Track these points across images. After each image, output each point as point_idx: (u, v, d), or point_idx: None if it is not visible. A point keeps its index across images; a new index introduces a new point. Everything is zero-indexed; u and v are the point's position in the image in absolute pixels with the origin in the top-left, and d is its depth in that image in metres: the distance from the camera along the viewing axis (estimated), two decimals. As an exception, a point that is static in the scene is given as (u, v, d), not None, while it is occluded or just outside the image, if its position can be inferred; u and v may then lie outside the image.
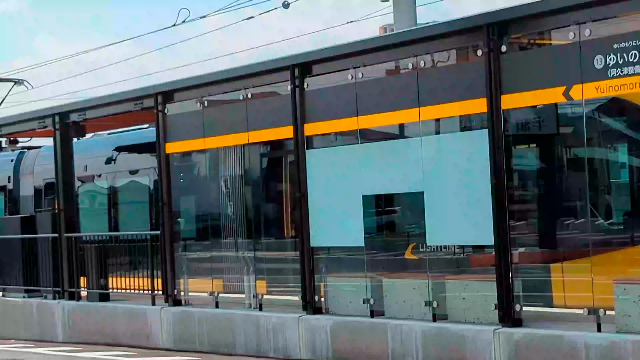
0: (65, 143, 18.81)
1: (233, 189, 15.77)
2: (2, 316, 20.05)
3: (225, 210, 15.93)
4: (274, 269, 15.39)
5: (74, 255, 18.31)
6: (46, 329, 18.77)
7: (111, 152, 22.33)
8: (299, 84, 13.84)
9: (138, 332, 16.66)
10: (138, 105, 16.96)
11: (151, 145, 18.86)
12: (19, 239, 19.65)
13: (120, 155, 22.47)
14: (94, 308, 17.71)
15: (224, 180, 15.97)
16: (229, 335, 14.86)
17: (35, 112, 19.82)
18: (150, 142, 18.84)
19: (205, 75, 15.66)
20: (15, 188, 27.58)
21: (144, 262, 17.25)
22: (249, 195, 15.23)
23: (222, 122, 15.40)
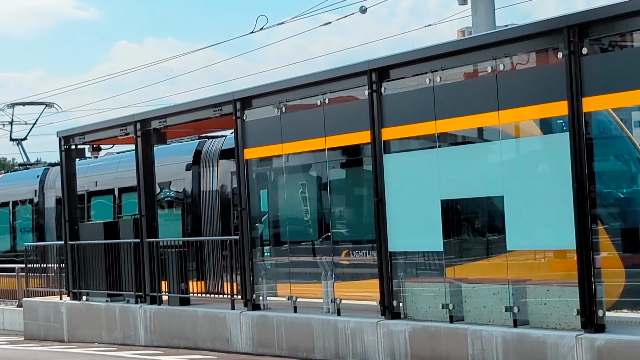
0: (146, 150, 19.03)
1: (310, 193, 15.81)
2: (86, 320, 20.35)
3: (303, 215, 15.97)
4: (352, 273, 15.38)
5: (155, 260, 18.52)
6: (128, 332, 19.01)
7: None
8: (376, 88, 13.83)
9: (218, 336, 16.78)
10: (217, 111, 17.09)
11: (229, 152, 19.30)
12: (102, 244, 19.94)
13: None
14: (175, 312, 17.88)
15: (301, 185, 16.02)
16: (307, 339, 14.89)
17: (118, 119, 20.10)
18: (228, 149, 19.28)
19: (284, 81, 15.72)
20: (41, 201, 29.76)
21: (224, 266, 17.38)
22: (326, 200, 15.25)
23: (299, 128, 15.45)
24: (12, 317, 25.36)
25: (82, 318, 20.54)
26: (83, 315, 20.52)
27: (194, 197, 22.78)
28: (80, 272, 20.70)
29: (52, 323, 21.45)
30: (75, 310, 20.74)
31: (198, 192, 22.86)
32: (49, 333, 21.48)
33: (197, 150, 23.03)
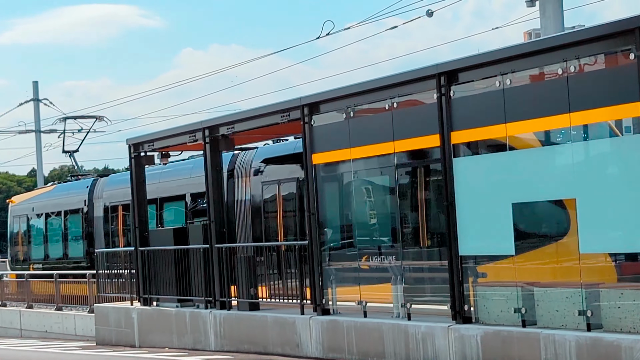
0: (214, 156, 19.18)
1: (379, 198, 15.81)
2: (157, 325, 20.55)
3: (371, 219, 15.97)
4: (421, 277, 15.33)
5: (224, 266, 18.65)
6: (198, 337, 19.15)
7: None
8: (445, 92, 13.80)
9: (287, 341, 16.84)
10: (285, 117, 17.17)
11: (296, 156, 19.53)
12: (172, 250, 20.13)
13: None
14: (245, 317, 17.98)
15: (369, 189, 16.02)
16: (378, 344, 14.89)
17: (186, 126, 20.28)
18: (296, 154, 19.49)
19: (351, 86, 15.75)
20: (90, 210, 31.38)
21: (293, 271, 17.44)
22: (395, 204, 15.23)
23: (367, 132, 15.47)
24: (84, 322, 25.71)
25: (152, 323, 20.75)
26: (154, 321, 20.72)
27: (228, 206, 23.25)
28: (150, 277, 20.92)
29: (123, 328, 21.69)
30: (146, 315, 20.96)
31: (233, 201, 23.79)
32: (120, 338, 21.72)
33: (232, 162, 24.11)
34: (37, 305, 29.40)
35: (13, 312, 30.53)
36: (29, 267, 35.39)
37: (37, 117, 48.74)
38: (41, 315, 28.62)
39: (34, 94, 48.75)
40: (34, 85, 49.13)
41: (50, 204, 34.67)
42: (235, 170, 24.12)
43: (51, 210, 34.35)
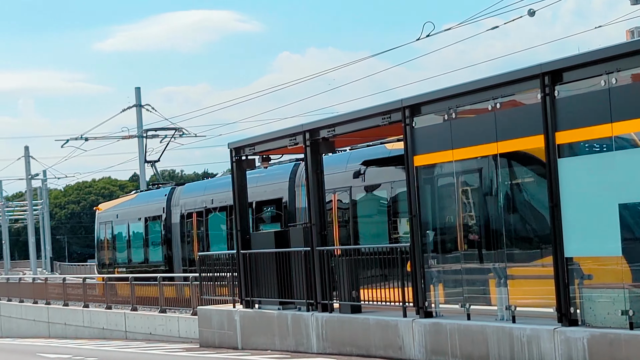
0: (315, 159, 19.25)
1: (481, 199, 15.68)
2: (259, 327, 20.71)
3: (474, 221, 15.86)
4: (525, 279, 15.15)
5: (326, 268, 18.71)
6: (300, 340, 19.24)
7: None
8: (549, 92, 13.63)
9: (390, 344, 16.81)
10: (386, 119, 17.16)
11: (395, 159, 19.65)
12: (273, 252, 20.26)
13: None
14: (346, 320, 18.00)
15: (472, 190, 15.90)
16: (482, 347, 14.76)
17: (287, 129, 20.40)
18: (395, 156, 19.59)
19: (453, 87, 15.66)
20: (168, 217, 33.11)
21: (394, 274, 17.40)
22: (498, 205, 15.09)
23: (469, 134, 15.36)
24: (187, 325, 26.04)
25: (255, 326, 20.91)
26: (256, 323, 20.88)
27: (290, 212, 25.54)
28: (252, 280, 21.09)
29: (226, 331, 21.91)
30: (249, 318, 21.13)
31: (294, 208, 25.69)
32: (223, 340, 21.94)
33: (293, 171, 26.02)
34: (142, 307, 29.87)
35: (118, 315, 31.09)
36: (114, 270, 37.58)
37: (139, 123, 49.61)
38: (145, 317, 29.09)
39: (136, 100, 49.62)
40: (136, 91, 50.02)
41: (133, 211, 36.77)
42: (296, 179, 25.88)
43: (133, 217, 36.38)
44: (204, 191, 31.76)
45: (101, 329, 32.43)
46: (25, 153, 74.05)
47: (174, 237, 33.00)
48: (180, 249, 32.67)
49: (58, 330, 36.78)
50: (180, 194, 33.26)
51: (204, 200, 31.13)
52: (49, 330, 37.79)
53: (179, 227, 32.48)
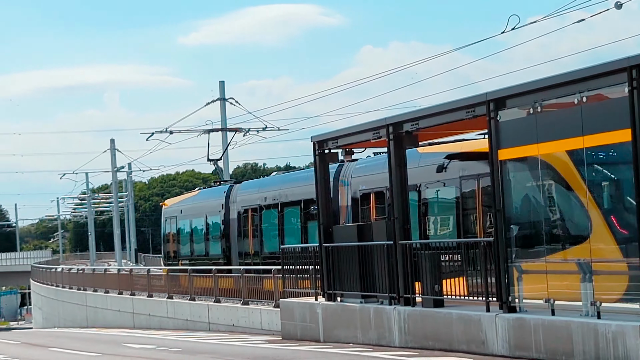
0: (398, 152, 19.23)
1: (567, 193, 15.51)
2: (341, 320, 20.77)
3: (559, 215, 15.70)
4: (611, 275, 14.95)
5: (408, 262, 18.69)
6: (382, 333, 19.25)
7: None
8: (637, 85, 13.44)
9: (473, 339, 16.74)
10: (470, 113, 17.07)
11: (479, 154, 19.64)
12: (355, 246, 20.30)
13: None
14: (429, 314, 17.97)
15: (557, 184, 15.74)
16: (566, 343, 14.62)
17: (370, 123, 20.42)
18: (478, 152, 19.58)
19: (538, 81, 15.52)
20: (226, 213, 34.99)
21: (477, 268, 17.31)
22: (583, 199, 14.90)
23: (555, 127, 15.21)
24: (270, 317, 26.21)
25: (337, 319, 20.98)
26: (338, 316, 20.94)
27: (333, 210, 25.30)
28: (334, 273, 21.16)
29: (308, 323, 22.01)
30: (331, 311, 21.20)
31: (337, 206, 27.11)
32: (306, 333, 22.05)
33: (337, 172, 27.45)
34: (225, 299, 30.15)
35: (201, 306, 31.42)
36: (178, 263, 39.40)
37: (223, 116, 49.99)
38: (228, 309, 29.34)
39: (220, 94, 50.01)
40: (220, 85, 50.41)
41: (195, 207, 38.69)
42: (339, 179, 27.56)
43: (195, 213, 38.22)
44: (259, 189, 33.84)
45: (185, 320, 32.82)
46: (111, 146, 75.10)
47: (231, 232, 34.63)
48: (237, 243, 34.35)
49: (142, 321, 37.30)
50: (237, 192, 35.02)
51: (258, 198, 33.14)
52: (134, 321, 38.36)
53: (236, 222, 34.29)
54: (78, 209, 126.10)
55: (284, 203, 30.99)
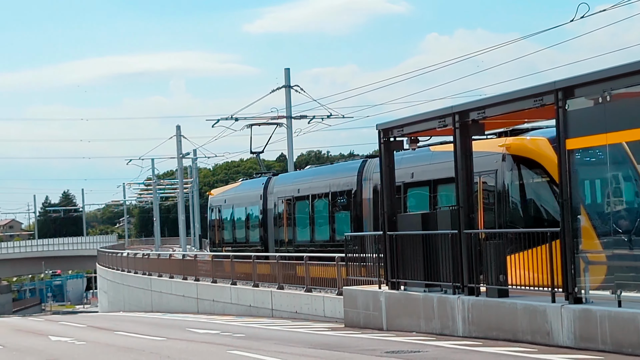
0: (464, 141, 19.10)
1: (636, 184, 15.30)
2: (404, 309, 20.72)
3: (628, 206, 15.49)
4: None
5: (473, 251, 18.58)
6: (446, 323, 19.17)
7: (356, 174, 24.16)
8: None
9: (538, 329, 16.60)
10: (537, 102, 16.89)
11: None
12: (420, 234, 20.23)
13: None
14: (493, 304, 17.85)
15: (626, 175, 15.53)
16: (632, 335, 14.44)
17: (436, 111, 20.31)
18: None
19: (608, 70, 15.28)
20: (264, 203, 37.60)
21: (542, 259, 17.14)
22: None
23: (625, 117, 14.99)
24: (332, 304, 26.25)
25: (400, 307, 20.93)
26: (401, 305, 20.90)
27: (357, 202, 30.13)
28: (398, 262, 21.11)
29: (371, 311, 22.00)
30: (394, 299, 21.16)
31: (361, 199, 30.11)
32: (368, 321, 22.04)
33: (361, 167, 30.35)
34: (288, 286, 30.25)
35: (265, 293, 31.57)
36: (222, 249, 41.83)
37: (288, 104, 50.05)
38: (291, 296, 29.44)
39: (285, 81, 50.08)
40: (285, 72, 50.45)
41: (237, 197, 41.29)
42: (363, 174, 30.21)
43: (237, 202, 40.85)
44: (293, 181, 36.47)
45: (248, 307, 33.01)
46: (177, 132, 75.56)
47: (268, 221, 37.14)
48: (274, 232, 36.79)
49: (206, 307, 37.60)
50: (274, 184, 37.33)
51: (292, 189, 35.54)
52: (198, 306, 38.68)
53: (273, 212, 36.78)
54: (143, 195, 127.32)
55: (314, 195, 33.38)
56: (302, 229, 34.37)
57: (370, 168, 29.94)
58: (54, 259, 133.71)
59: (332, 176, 32.49)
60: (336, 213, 31.72)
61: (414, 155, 26.26)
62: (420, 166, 26.24)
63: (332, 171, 33.29)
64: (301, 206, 34.45)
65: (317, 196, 33.19)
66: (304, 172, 37.91)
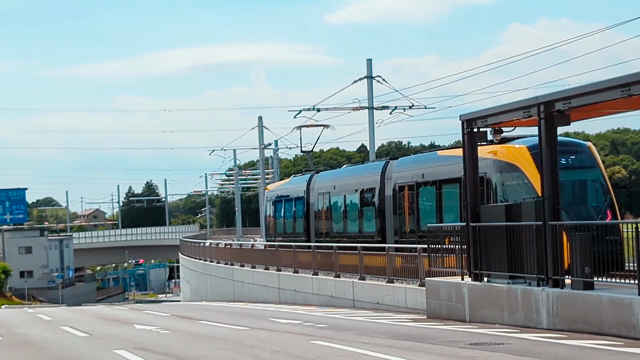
0: (549, 132, 18.89)
1: None
2: (487, 301, 20.59)
3: None
4: None
5: (558, 243, 18.37)
6: (530, 315, 19.00)
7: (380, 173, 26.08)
8: None
9: (624, 322, 16.37)
10: (625, 92, 16.63)
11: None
12: (503, 226, 20.08)
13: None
14: (579, 296, 17.64)
15: None
16: None
17: (520, 101, 20.10)
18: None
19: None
20: (307, 197, 41.64)
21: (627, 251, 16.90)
22: None
23: None
24: (414, 295, 26.19)
25: (483, 299, 20.81)
26: (484, 296, 20.77)
27: (380, 198, 34.05)
28: (481, 253, 20.98)
29: (453, 303, 21.91)
30: (477, 291, 21.04)
31: (383, 195, 33.89)
32: (451, 312, 21.95)
33: (384, 167, 34.22)
34: (369, 277, 30.25)
35: (346, 283, 31.61)
36: (274, 239, 45.80)
37: (370, 94, 50.00)
38: (373, 287, 29.43)
39: (367, 72, 50.02)
40: (367, 63, 50.38)
41: (285, 191, 45.76)
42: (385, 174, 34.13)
43: (285, 196, 45.18)
44: (330, 178, 40.76)
45: (329, 297, 33.09)
46: (259, 123, 76.02)
47: (310, 213, 41.30)
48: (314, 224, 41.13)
49: (288, 297, 37.78)
50: (316, 180, 41.55)
51: (329, 186, 39.71)
52: (279, 296, 38.89)
53: (315, 206, 40.94)
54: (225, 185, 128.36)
55: (346, 191, 37.61)
56: (336, 222, 38.61)
57: (391, 168, 33.88)
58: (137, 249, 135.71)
59: (361, 175, 36.83)
60: (363, 207, 35.84)
61: (424, 157, 32.22)
62: (429, 167, 30.74)
63: (361, 171, 37.75)
64: (336, 201, 38.66)
65: (349, 192, 37.39)
66: (340, 170, 42.60)
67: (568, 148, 25.99)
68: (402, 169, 32.93)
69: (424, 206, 30.63)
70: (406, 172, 32.27)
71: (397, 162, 33.93)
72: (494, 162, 26.29)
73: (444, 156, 30.37)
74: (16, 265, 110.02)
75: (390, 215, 33.28)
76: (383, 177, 33.99)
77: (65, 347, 19.34)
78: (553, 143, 18.92)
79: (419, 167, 31.48)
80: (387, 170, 34.03)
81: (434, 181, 29.84)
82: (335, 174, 41.70)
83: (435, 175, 29.88)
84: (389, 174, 33.75)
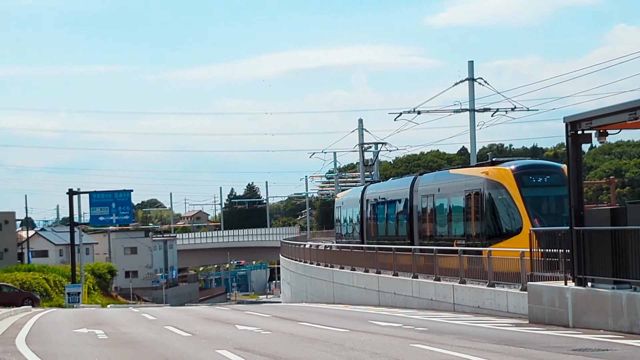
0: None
1: None
2: (591, 306, 20.25)
3: None
4: None
5: (665, 248, 17.97)
6: (635, 321, 18.63)
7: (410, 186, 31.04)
8: None
9: None
10: None
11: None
12: (608, 230, 19.72)
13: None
14: (686, 303, 17.22)
15: None
16: None
17: (627, 103, 19.70)
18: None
19: None
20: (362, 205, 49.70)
21: None
22: None
23: None
24: (516, 300, 25.89)
25: (586, 304, 20.46)
26: (588, 302, 20.42)
27: (410, 207, 41.93)
28: (585, 258, 20.63)
29: (556, 308, 21.59)
30: (580, 296, 20.71)
31: (412, 205, 41.69)
32: (553, 318, 21.64)
33: (413, 181, 42.15)
34: (470, 280, 30.02)
35: (447, 287, 31.42)
36: (341, 241, 53.63)
37: (471, 97, 49.66)
38: (474, 290, 29.19)
39: (468, 74, 49.67)
40: (469, 64, 50.04)
41: (348, 200, 54.44)
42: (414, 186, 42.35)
43: (348, 205, 53.68)
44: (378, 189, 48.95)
45: (429, 300, 32.92)
46: (359, 125, 76.02)
47: (364, 219, 49.32)
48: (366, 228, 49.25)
49: (387, 299, 37.71)
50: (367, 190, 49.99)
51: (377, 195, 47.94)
52: (379, 299, 38.83)
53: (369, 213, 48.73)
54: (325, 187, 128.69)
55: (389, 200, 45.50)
56: (381, 226, 46.45)
57: (418, 182, 41.44)
58: (239, 250, 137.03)
59: (396, 187, 45.06)
60: (398, 214, 43.61)
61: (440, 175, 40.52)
62: (443, 183, 38.48)
63: (397, 184, 45.75)
64: (381, 208, 46.64)
65: (389, 201, 45.00)
66: (387, 182, 50.88)
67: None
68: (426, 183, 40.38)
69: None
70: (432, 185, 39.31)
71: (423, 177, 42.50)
72: (486, 180, 34.07)
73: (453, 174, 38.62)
74: (121, 265, 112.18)
75: (417, 221, 40.16)
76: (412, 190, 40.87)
77: (169, 347, 19.61)
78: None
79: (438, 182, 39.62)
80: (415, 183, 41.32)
81: None
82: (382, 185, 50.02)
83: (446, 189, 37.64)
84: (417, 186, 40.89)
